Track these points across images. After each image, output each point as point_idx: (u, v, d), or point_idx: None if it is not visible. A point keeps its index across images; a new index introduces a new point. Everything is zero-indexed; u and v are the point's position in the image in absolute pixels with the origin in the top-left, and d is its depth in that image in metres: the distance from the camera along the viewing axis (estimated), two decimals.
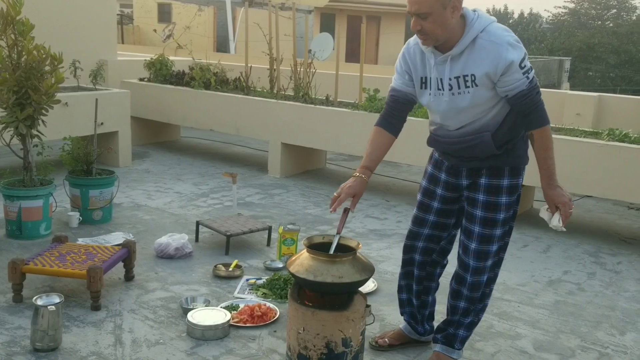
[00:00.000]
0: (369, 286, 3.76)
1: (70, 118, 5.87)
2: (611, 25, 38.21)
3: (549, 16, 43.18)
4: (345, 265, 2.59)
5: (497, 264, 2.86)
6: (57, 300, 2.98)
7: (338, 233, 2.70)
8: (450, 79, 2.57)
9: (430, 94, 2.68)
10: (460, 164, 2.79)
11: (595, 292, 4.03)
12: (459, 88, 2.56)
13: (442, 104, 2.64)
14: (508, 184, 2.71)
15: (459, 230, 2.94)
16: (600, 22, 39.76)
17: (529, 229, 5.15)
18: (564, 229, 2.61)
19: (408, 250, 3.05)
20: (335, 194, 2.72)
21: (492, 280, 2.87)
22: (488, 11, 47.93)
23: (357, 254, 2.68)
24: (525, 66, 2.48)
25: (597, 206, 6.06)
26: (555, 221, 2.58)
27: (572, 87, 19.66)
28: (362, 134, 5.95)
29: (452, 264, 3.08)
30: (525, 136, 2.70)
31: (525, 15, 46.15)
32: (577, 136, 5.09)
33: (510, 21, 46.31)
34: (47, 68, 4.38)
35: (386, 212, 5.52)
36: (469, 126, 2.65)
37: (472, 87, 2.54)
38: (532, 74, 2.51)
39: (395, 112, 2.82)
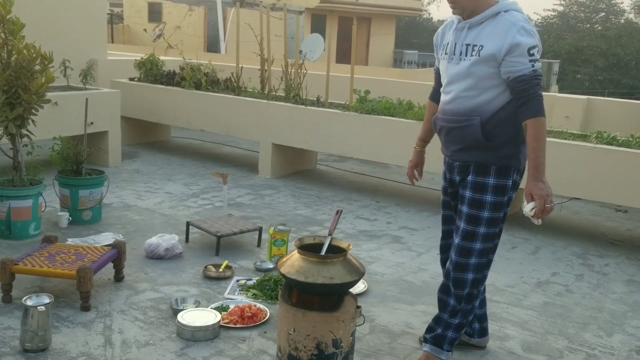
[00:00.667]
0: (359, 287, 3.77)
1: (60, 118, 5.84)
2: (600, 28, 38.47)
3: (538, 19, 43.32)
4: (336, 266, 2.60)
5: (485, 266, 2.87)
6: (46, 300, 2.97)
7: (330, 234, 2.72)
8: (462, 45, 2.70)
9: (444, 58, 2.81)
10: (452, 154, 2.85)
11: (583, 293, 4.06)
12: (466, 55, 2.67)
13: (449, 67, 2.76)
14: (494, 183, 2.74)
15: None
16: (588, 25, 40.02)
17: (517, 230, 5.19)
18: (537, 222, 2.63)
19: (443, 249, 3.11)
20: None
21: (479, 281, 2.87)
22: None
23: (348, 255, 2.69)
24: (533, 55, 2.55)
25: (585, 208, 6.11)
26: (527, 209, 2.61)
27: (560, 90, 19.81)
28: (353, 135, 5.98)
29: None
30: (519, 139, 2.71)
31: None
32: (565, 139, 5.13)
33: None
34: (37, 67, 4.36)
35: (376, 213, 5.54)
36: (463, 102, 2.71)
37: (476, 56, 2.63)
38: (538, 65, 2.58)
39: (437, 84, 3.02)
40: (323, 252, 2.65)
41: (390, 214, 5.54)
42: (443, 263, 3.14)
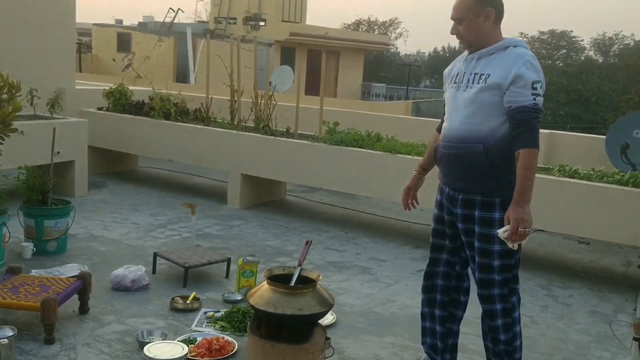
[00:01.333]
0: (327, 319, 3.76)
1: (26, 147, 5.76)
2: (561, 64, 39.68)
3: None
4: (306, 297, 2.61)
5: (510, 293, 2.89)
6: (10, 333, 2.91)
7: (299, 265, 2.73)
8: (470, 74, 2.79)
9: (452, 87, 2.88)
10: (453, 182, 2.88)
11: (548, 324, 4.12)
12: (473, 83, 2.76)
13: (456, 95, 2.83)
14: (500, 217, 2.77)
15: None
16: (550, 62, 41.23)
17: None
18: (511, 245, 2.67)
19: (429, 276, 3.12)
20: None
21: (509, 310, 2.90)
22: (443, 48, 49.23)
23: (318, 285, 2.71)
24: (536, 89, 2.64)
25: (549, 240, 6.22)
26: (501, 231, 2.66)
27: None
28: (322, 166, 6.03)
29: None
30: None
31: None
32: None
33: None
34: (4, 96, 4.32)
35: (345, 245, 5.56)
36: (466, 129, 2.76)
37: (483, 84, 2.71)
38: (539, 100, 2.66)
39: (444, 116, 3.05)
40: (292, 283, 2.65)
41: (359, 245, 5.56)
42: (426, 289, 3.14)
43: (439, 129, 3.11)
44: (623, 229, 4.73)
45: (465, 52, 2.92)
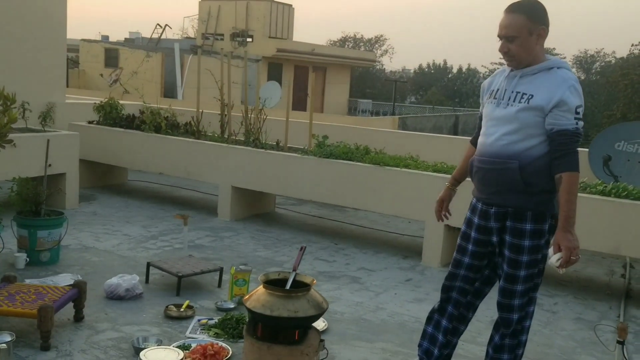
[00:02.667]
0: (319, 325, 3.83)
1: (19, 159, 5.80)
2: None
3: (485, 71, 45.04)
4: (301, 301, 2.69)
5: (528, 303, 2.97)
6: (8, 338, 2.96)
7: (294, 270, 2.80)
8: (512, 92, 2.81)
9: (492, 102, 2.90)
10: (488, 197, 2.91)
11: (534, 331, 4.22)
12: (514, 101, 2.79)
13: (495, 111, 2.86)
14: (531, 228, 2.83)
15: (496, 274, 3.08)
16: None
17: None
18: (561, 272, 2.74)
19: (446, 289, 3.15)
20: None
21: (523, 318, 2.98)
22: (428, 65, 49.74)
23: (312, 289, 2.78)
24: (579, 113, 2.70)
25: None
26: (554, 260, 2.70)
27: None
28: (312, 179, 6.12)
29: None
30: (553, 189, 2.81)
31: (464, 70, 48.09)
32: None
33: (450, 75, 48.18)
34: None
35: (335, 255, 5.64)
36: (504, 145, 2.80)
37: (525, 103, 2.75)
38: (580, 124, 2.71)
39: (479, 130, 3.07)
40: (288, 287, 2.73)
41: (348, 256, 5.65)
42: (443, 300, 3.17)
43: (473, 142, 3.14)
44: (606, 239, 4.85)
45: (507, 68, 2.92)
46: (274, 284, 2.76)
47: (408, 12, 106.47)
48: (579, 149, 2.77)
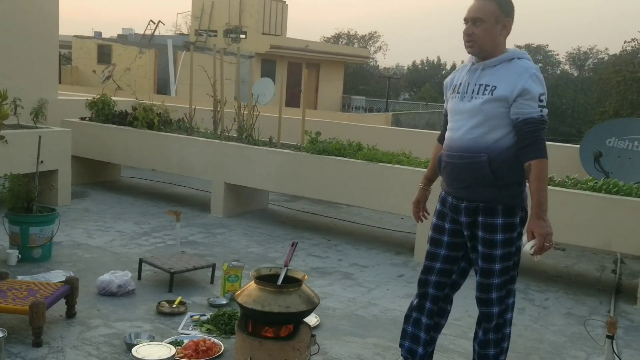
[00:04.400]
0: (311, 321, 3.84)
1: (10, 155, 5.79)
2: None
3: None
4: (292, 296, 2.70)
5: (506, 296, 2.97)
6: (0, 334, 2.95)
7: (286, 265, 2.81)
8: (475, 84, 2.83)
9: (455, 97, 2.92)
10: (457, 191, 2.92)
11: (525, 326, 4.25)
12: (478, 93, 2.81)
13: (459, 105, 2.88)
14: (503, 222, 2.85)
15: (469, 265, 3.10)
16: None
17: None
18: (536, 259, 2.77)
19: (422, 284, 3.14)
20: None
21: (504, 311, 2.98)
22: (422, 62, 49.79)
23: (303, 285, 2.80)
24: (542, 101, 2.73)
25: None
26: (528, 247, 2.73)
27: None
28: (305, 175, 6.13)
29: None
30: (523, 180, 2.85)
31: (457, 67, 47.94)
32: None
33: (443, 72, 48.24)
34: None
35: (327, 251, 5.66)
36: (471, 139, 2.81)
37: (489, 95, 2.77)
38: (545, 112, 2.74)
39: (446, 126, 3.09)
40: (279, 282, 2.74)
41: (341, 252, 5.66)
42: (420, 296, 3.17)
43: (440, 140, 3.15)
44: (597, 235, 4.89)
45: (468, 63, 2.95)
46: (266, 280, 2.77)
47: (401, 9, 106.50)
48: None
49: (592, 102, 34.50)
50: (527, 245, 2.73)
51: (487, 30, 2.77)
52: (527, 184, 2.85)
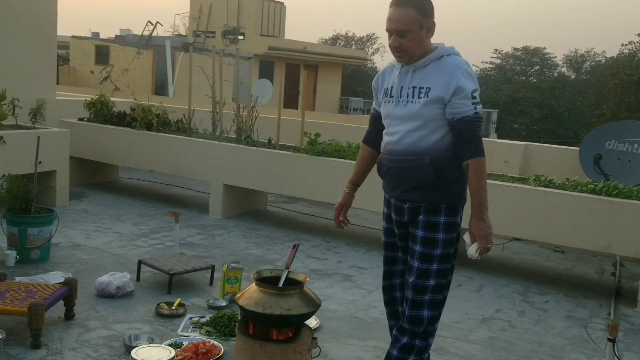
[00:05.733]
0: (311, 323, 3.83)
1: (8, 156, 5.76)
2: (534, 80, 40.37)
3: (476, 70, 45.14)
4: (293, 298, 2.68)
5: (441, 303, 2.89)
6: None
7: (287, 267, 2.80)
8: (409, 87, 2.78)
9: (389, 101, 2.86)
10: (401, 194, 2.88)
11: (525, 328, 4.24)
12: (413, 97, 2.76)
13: (395, 109, 2.83)
14: (445, 221, 2.81)
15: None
16: (524, 78, 41.96)
17: (462, 269, 5.36)
18: (478, 258, 2.74)
19: (387, 290, 3.09)
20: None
21: (435, 318, 2.89)
22: None
23: (305, 287, 2.78)
24: (475, 98, 2.70)
25: (525, 249, 6.37)
26: (472, 251, 2.71)
27: (499, 139, 20.52)
28: (304, 176, 6.11)
29: None
30: (464, 179, 2.82)
31: None
32: (505, 181, 5.39)
33: None
34: None
35: (326, 253, 5.64)
36: (412, 142, 2.78)
37: (425, 98, 2.73)
38: (479, 108, 2.72)
39: (373, 127, 3.09)
40: (280, 285, 2.72)
41: (340, 254, 5.65)
42: (387, 303, 3.13)
43: (366, 142, 3.13)
44: (597, 238, 4.88)
45: (397, 65, 2.88)
46: (267, 282, 2.76)
47: None
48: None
49: (589, 104, 34.53)
50: (472, 249, 2.71)
51: (413, 39, 2.71)
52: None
